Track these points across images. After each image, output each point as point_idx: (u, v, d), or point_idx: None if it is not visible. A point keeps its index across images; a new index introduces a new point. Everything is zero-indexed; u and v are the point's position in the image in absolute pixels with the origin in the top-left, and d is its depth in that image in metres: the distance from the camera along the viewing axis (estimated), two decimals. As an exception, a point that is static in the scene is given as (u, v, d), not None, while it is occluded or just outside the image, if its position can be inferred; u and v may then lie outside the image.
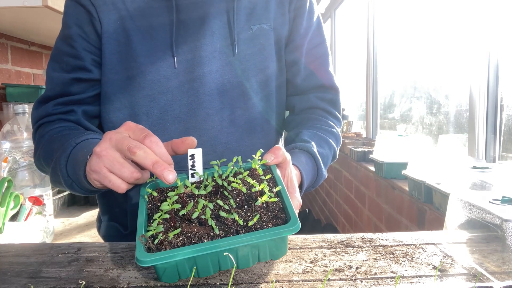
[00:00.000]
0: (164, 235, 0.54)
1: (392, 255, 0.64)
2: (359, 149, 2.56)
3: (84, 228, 1.75)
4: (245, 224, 0.56)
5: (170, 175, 0.57)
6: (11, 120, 1.75)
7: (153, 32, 0.86)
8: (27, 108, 1.74)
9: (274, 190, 0.61)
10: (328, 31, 4.70)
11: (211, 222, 0.55)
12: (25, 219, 1.48)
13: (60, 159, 0.73)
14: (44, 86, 2.09)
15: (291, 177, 0.69)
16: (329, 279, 0.55)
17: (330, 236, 0.73)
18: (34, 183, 1.66)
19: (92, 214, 1.92)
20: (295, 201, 0.66)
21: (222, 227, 0.56)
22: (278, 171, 0.66)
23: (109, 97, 0.88)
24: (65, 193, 2.04)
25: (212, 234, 0.54)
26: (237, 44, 0.88)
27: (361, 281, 0.55)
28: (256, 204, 0.58)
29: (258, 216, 0.56)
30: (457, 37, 1.97)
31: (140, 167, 0.61)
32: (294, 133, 0.92)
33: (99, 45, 0.87)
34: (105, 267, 0.61)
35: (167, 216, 0.56)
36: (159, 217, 0.56)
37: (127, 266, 0.61)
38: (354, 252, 0.65)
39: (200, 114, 0.87)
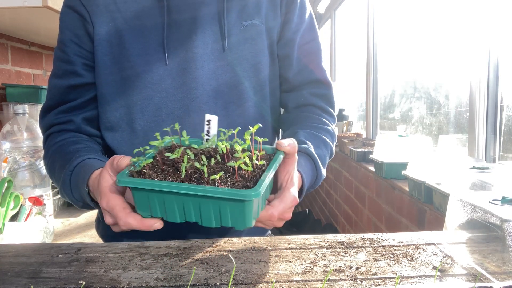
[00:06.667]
0: (150, 170, 0.60)
1: (392, 256, 0.64)
2: (359, 149, 2.56)
3: (84, 228, 1.75)
4: (211, 180, 0.58)
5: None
6: (11, 120, 1.75)
7: (145, 32, 0.88)
8: (27, 108, 1.74)
9: (257, 162, 0.62)
10: (328, 31, 4.70)
11: (183, 167, 0.58)
12: (25, 220, 1.48)
13: (64, 188, 0.80)
14: (44, 87, 2.10)
15: (292, 174, 0.69)
16: (329, 280, 0.55)
17: (330, 237, 0.73)
18: (34, 183, 1.66)
19: (92, 214, 1.91)
20: (290, 195, 0.66)
21: (200, 181, 0.59)
22: (280, 158, 0.66)
23: (106, 98, 0.90)
24: (65, 193, 2.03)
25: (185, 182, 0.58)
26: (229, 40, 0.89)
27: (361, 282, 0.55)
28: (228, 164, 0.60)
29: (222, 173, 0.58)
30: (457, 37, 1.97)
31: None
32: (290, 133, 0.92)
33: (91, 49, 0.89)
34: (105, 267, 0.61)
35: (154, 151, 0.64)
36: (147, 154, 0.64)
37: (127, 266, 0.61)
38: (354, 252, 0.65)
39: (193, 110, 0.88)
